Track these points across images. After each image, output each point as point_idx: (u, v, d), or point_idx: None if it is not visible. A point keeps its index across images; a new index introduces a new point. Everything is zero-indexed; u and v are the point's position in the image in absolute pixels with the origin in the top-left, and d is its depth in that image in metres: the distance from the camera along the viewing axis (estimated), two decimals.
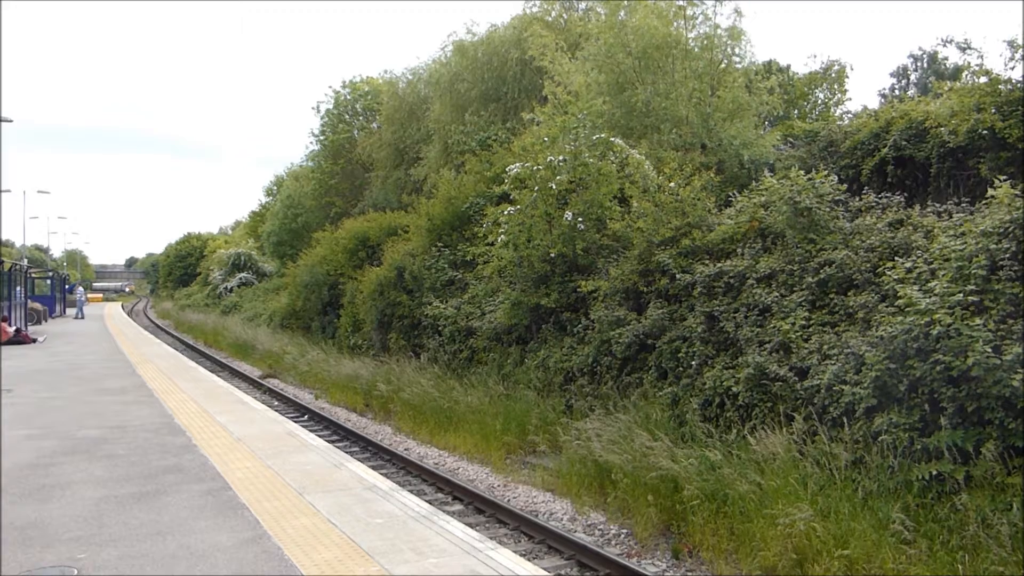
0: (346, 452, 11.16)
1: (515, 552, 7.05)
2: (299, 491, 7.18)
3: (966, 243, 7.71)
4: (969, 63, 12.22)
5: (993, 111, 11.27)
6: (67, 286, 51.23)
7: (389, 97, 32.62)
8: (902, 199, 10.17)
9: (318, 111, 37.55)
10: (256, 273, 47.07)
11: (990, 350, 6.60)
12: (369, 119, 36.68)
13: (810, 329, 8.81)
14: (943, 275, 7.51)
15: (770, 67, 24.31)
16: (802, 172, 10.35)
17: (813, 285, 9.20)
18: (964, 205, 9.21)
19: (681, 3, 17.37)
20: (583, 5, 25.88)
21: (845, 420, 7.57)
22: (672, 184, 12.04)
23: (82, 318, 42.98)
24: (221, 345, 32.57)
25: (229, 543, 5.70)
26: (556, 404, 11.83)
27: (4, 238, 77.57)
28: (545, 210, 13.54)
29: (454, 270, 17.81)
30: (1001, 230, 7.51)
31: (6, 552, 5.48)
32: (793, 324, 8.87)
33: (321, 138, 37.41)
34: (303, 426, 13.22)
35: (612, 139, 14.15)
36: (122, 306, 73.74)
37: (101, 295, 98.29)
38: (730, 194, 12.55)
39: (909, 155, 12.80)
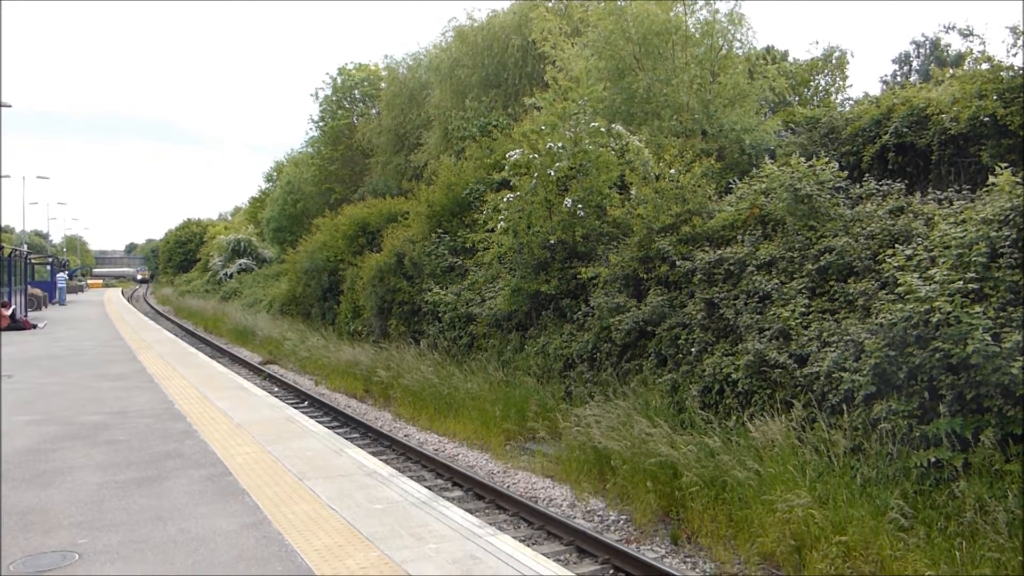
0: (346, 438, 11.19)
1: (515, 538, 7.08)
2: (299, 477, 7.20)
3: (966, 231, 7.69)
4: (971, 50, 12.16)
5: (995, 98, 11.22)
6: (63, 273, 51.04)
7: (389, 83, 32.49)
8: (903, 186, 10.13)
9: (316, 98, 37.48)
10: (256, 259, 47.06)
11: (989, 338, 6.60)
12: (368, 105, 36.57)
13: (810, 316, 8.81)
14: (943, 263, 7.50)
15: (769, 53, 24.21)
16: (803, 159, 10.32)
17: (813, 272, 9.19)
18: (965, 192, 9.19)
19: None
20: None
21: (844, 407, 7.58)
22: (672, 171, 12.01)
23: (63, 303, 43.12)
24: (221, 331, 32.60)
25: (229, 528, 5.73)
26: (556, 391, 11.85)
27: (4, 224, 77.45)
28: (545, 196, 13.52)
29: (454, 256, 17.80)
30: (1002, 218, 7.49)
31: (7, 537, 5.50)
32: (793, 311, 8.87)
33: (320, 124, 37.30)
34: (303, 412, 13.24)
35: (612, 126, 14.11)
36: (122, 292, 73.78)
37: (100, 281, 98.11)
38: (730, 181, 12.53)
39: (910, 142, 12.76)
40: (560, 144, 13.43)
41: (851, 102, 23.64)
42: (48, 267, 50.66)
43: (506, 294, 14.10)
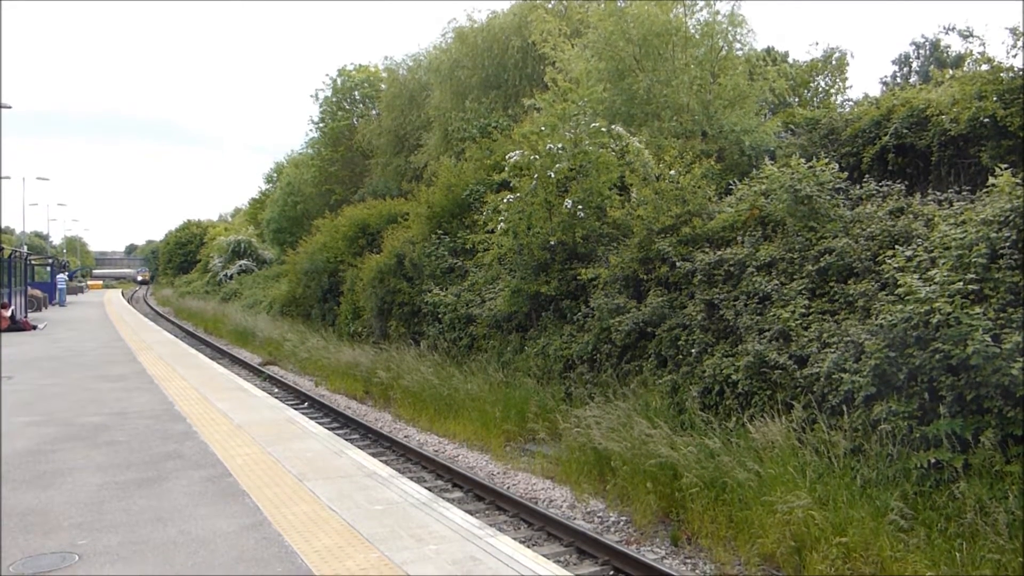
0: (346, 439, 11.20)
1: (515, 539, 7.08)
2: (299, 478, 7.20)
3: (966, 232, 7.69)
4: (971, 51, 12.16)
5: (995, 99, 11.21)
6: (63, 273, 50.89)
7: (389, 84, 32.51)
8: (903, 187, 10.14)
9: (316, 99, 37.51)
10: (256, 260, 47.08)
11: (989, 339, 6.60)
12: (368, 106, 36.60)
13: (810, 317, 8.81)
14: (943, 264, 7.50)
15: (769, 54, 24.23)
16: (803, 160, 10.33)
17: (813, 273, 9.19)
18: (965, 193, 9.19)
19: None
20: None
21: (844, 408, 7.58)
22: (672, 172, 12.01)
23: (63, 305, 43.05)
24: (221, 332, 32.59)
25: (229, 529, 5.73)
26: (556, 392, 11.85)
27: (4, 225, 77.46)
28: (545, 198, 13.52)
29: (454, 257, 17.80)
30: (1002, 218, 7.49)
31: (7, 538, 5.50)
32: (793, 312, 8.87)
33: (320, 125, 37.32)
34: (303, 413, 13.25)
35: (612, 127, 14.12)
36: (122, 293, 73.77)
37: (100, 282, 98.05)
38: (730, 182, 12.53)
39: (910, 143, 12.76)
40: (560, 145, 13.44)
41: (851, 103, 23.67)
42: (48, 268, 50.60)
43: (506, 295, 14.10)
